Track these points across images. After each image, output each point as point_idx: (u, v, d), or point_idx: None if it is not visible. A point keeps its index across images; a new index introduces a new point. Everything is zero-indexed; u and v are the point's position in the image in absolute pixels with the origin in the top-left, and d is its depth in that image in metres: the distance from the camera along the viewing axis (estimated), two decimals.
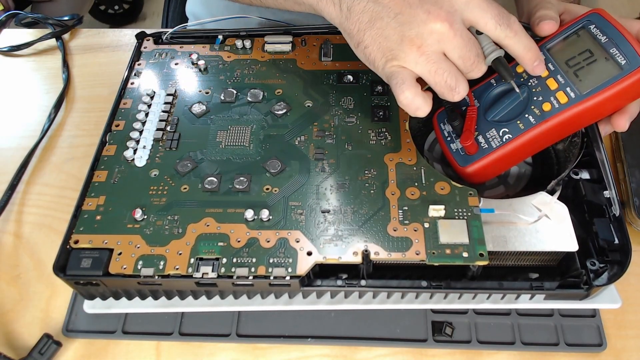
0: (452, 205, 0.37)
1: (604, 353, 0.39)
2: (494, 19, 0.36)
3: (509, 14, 0.36)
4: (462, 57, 0.36)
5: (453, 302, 0.38)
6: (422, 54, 0.36)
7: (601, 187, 0.40)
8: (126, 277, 0.36)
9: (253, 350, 0.40)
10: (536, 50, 0.37)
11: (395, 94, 0.36)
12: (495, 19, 0.36)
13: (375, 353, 0.39)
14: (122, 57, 0.59)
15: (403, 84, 0.36)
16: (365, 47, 0.37)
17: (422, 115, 0.37)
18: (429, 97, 0.37)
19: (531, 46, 0.37)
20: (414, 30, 0.35)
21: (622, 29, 0.37)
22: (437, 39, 0.35)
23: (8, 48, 0.60)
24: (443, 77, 0.36)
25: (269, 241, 0.37)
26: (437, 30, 0.35)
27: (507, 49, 0.37)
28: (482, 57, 0.37)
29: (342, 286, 0.36)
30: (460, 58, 0.36)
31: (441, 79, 0.36)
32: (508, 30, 0.36)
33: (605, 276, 0.37)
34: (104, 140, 0.43)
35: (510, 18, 0.36)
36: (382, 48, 0.37)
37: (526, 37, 0.37)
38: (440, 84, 0.36)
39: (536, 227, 0.38)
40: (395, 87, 0.36)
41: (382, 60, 0.37)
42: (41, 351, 0.38)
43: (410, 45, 0.36)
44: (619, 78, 0.35)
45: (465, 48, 0.36)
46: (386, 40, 0.36)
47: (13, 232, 0.46)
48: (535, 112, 0.39)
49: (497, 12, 0.36)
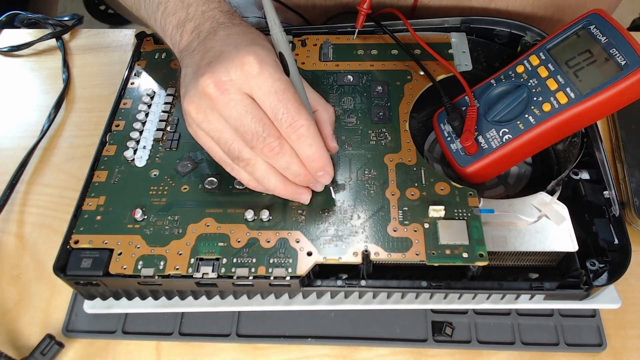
0: (452, 206, 0.37)
1: (604, 353, 0.39)
2: (275, 108, 0.33)
3: (300, 112, 0.33)
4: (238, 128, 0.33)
5: (453, 303, 0.38)
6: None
7: (601, 187, 0.40)
8: (126, 277, 0.36)
9: (253, 350, 0.40)
10: (321, 160, 0.35)
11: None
12: (276, 108, 0.33)
13: (375, 353, 0.39)
14: (122, 57, 0.59)
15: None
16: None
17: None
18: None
19: (315, 157, 0.34)
20: (190, 91, 0.34)
21: (622, 29, 0.37)
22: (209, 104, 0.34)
23: (8, 48, 0.60)
24: (226, 146, 0.35)
25: (269, 241, 0.37)
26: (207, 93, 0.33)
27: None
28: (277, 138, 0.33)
29: (342, 286, 0.36)
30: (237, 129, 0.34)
31: (225, 147, 0.35)
32: (289, 129, 0.33)
33: (605, 276, 0.37)
34: (104, 141, 0.43)
35: (298, 116, 0.33)
36: (182, 102, 0.36)
37: (309, 146, 0.34)
38: (222, 156, 0.36)
39: (536, 228, 0.38)
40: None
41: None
42: (43, 352, 0.38)
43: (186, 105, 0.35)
44: (619, 78, 0.35)
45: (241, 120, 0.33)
46: (183, 95, 0.36)
47: (13, 232, 0.46)
48: (535, 112, 0.39)
49: (285, 102, 0.33)
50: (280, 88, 0.33)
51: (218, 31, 0.36)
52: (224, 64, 0.33)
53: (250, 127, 0.33)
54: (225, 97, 0.33)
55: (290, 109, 0.33)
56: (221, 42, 0.35)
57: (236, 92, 0.33)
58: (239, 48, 0.33)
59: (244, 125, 0.33)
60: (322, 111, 0.38)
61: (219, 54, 0.34)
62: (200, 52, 0.36)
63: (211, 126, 0.34)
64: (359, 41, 0.49)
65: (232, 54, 0.33)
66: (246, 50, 0.33)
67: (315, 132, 0.34)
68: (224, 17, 0.38)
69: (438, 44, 0.47)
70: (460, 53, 0.47)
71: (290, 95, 0.33)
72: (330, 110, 0.38)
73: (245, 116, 0.33)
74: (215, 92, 0.33)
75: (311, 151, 0.34)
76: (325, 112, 0.38)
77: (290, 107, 0.33)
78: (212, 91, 0.33)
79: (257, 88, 0.33)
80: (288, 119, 0.33)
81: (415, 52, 0.47)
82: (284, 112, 0.33)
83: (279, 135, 0.34)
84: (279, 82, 0.33)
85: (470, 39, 0.48)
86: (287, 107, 0.33)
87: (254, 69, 0.32)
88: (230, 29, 0.36)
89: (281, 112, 0.33)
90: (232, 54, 0.33)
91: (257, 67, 0.32)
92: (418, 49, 0.47)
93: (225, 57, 0.33)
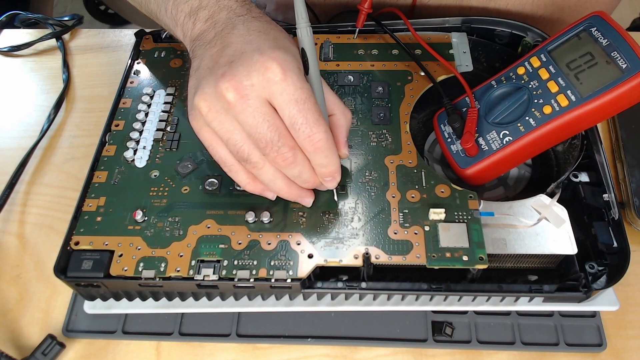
0: (452, 209, 0.38)
1: (604, 353, 0.39)
2: (294, 116, 0.32)
3: (319, 123, 0.32)
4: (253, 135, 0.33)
5: (452, 304, 0.38)
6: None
7: (600, 190, 0.40)
8: (127, 279, 0.36)
9: (253, 350, 0.40)
10: (332, 168, 0.34)
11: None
12: (295, 117, 0.32)
13: (375, 353, 0.40)
14: (122, 57, 0.59)
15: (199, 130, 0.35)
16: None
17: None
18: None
19: (327, 165, 0.34)
20: (205, 88, 0.33)
21: (623, 32, 0.37)
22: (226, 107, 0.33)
23: (8, 48, 0.59)
24: (235, 147, 0.34)
25: (270, 243, 0.37)
26: (226, 98, 0.32)
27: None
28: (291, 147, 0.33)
29: (342, 288, 0.37)
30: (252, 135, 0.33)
31: (234, 148, 0.34)
32: (307, 141, 0.33)
33: (603, 279, 0.37)
34: (104, 141, 0.43)
35: (317, 129, 0.32)
36: (191, 95, 0.35)
37: (325, 157, 0.34)
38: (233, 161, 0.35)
39: (535, 230, 0.38)
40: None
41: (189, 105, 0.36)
42: (44, 352, 0.38)
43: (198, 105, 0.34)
44: (620, 82, 0.36)
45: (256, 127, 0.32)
46: (194, 88, 0.34)
47: (13, 232, 0.46)
48: (535, 114, 0.39)
49: (304, 109, 0.32)
50: (301, 97, 0.32)
51: (237, 24, 0.35)
52: (246, 67, 0.32)
53: (266, 136, 0.32)
54: (244, 102, 0.32)
55: (309, 119, 0.32)
56: (242, 40, 0.34)
57: (255, 99, 0.32)
58: (262, 51, 0.32)
59: (259, 133, 0.32)
60: (339, 116, 0.37)
61: (240, 54, 0.33)
62: (218, 45, 0.34)
63: (222, 126, 0.33)
64: (359, 41, 0.49)
65: (254, 57, 0.32)
66: (269, 54, 0.32)
67: (332, 144, 0.33)
68: (240, 7, 0.36)
69: (439, 44, 0.47)
70: (460, 53, 0.47)
71: (311, 106, 0.32)
72: (348, 116, 0.37)
73: (262, 124, 0.32)
74: (234, 97, 0.32)
75: (325, 161, 0.34)
76: (343, 117, 0.37)
77: (310, 118, 0.32)
78: (230, 95, 0.32)
79: (277, 95, 0.32)
80: (306, 131, 0.32)
81: (416, 52, 0.47)
82: (302, 122, 0.32)
83: (294, 145, 0.33)
84: (301, 90, 0.32)
85: (471, 39, 0.48)
86: (307, 117, 0.32)
87: (276, 75, 0.31)
88: (250, 24, 0.35)
89: (300, 122, 0.32)
90: (254, 56, 0.32)
91: (280, 74, 0.31)
92: (419, 49, 0.47)
93: (247, 59, 0.32)
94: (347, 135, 0.37)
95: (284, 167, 0.34)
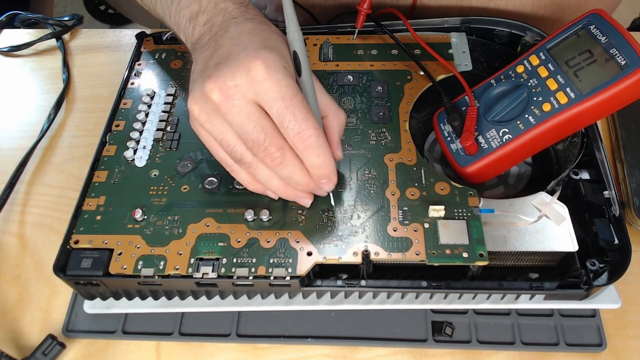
0: (452, 206, 0.37)
1: (604, 353, 0.39)
2: (282, 115, 0.32)
3: (308, 120, 0.32)
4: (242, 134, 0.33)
5: (453, 302, 0.38)
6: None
7: (601, 187, 0.40)
8: (126, 277, 0.36)
9: (253, 350, 0.40)
10: (327, 169, 0.34)
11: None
12: (283, 115, 0.32)
13: (375, 353, 0.39)
14: (122, 57, 0.59)
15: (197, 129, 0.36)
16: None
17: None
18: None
19: (321, 166, 0.34)
20: (195, 91, 0.34)
21: (622, 29, 0.37)
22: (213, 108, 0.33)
23: (8, 48, 0.60)
24: (229, 148, 0.34)
25: (269, 241, 0.37)
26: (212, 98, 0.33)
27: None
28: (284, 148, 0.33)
29: (342, 286, 0.36)
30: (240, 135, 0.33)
31: (227, 149, 0.34)
32: (297, 138, 0.32)
33: (605, 276, 0.37)
34: (104, 141, 0.43)
35: (306, 125, 0.32)
36: (188, 88, 0.36)
37: (317, 156, 0.33)
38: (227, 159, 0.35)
39: (536, 228, 0.38)
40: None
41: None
42: (45, 352, 0.38)
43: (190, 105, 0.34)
44: (619, 78, 0.35)
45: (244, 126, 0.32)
46: (188, 91, 0.35)
47: (13, 232, 0.46)
48: (535, 112, 0.39)
49: (293, 110, 0.32)
50: (287, 94, 0.32)
51: (230, 27, 0.35)
52: (231, 68, 0.32)
53: (252, 135, 0.32)
54: (229, 102, 0.32)
55: (297, 116, 0.32)
56: (231, 42, 0.34)
57: (240, 99, 0.32)
58: (248, 51, 0.32)
59: (245, 132, 0.32)
60: (332, 117, 0.36)
61: (227, 56, 0.33)
62: (210, 48, 0.35)
63: (214, 128, 0.34)
64: (359, 41, 0.49)
65: (239, 57, 0.32)
66: (254, 54, 0.32)
67: (323, 142, 0.33)
68: (237, 10, 0.36)
69: (438, 44, 0.47)
70: (460, 53, 0.47)
71: (298, 102, 0.32)
72: (342, 117, 0.37)
73: (247, 123, 0.32)
74: (219, 98, 0.32)
75: (318, 161, 0.33)
76: (336, 118, 0.36)
77: (298, 115, 0.32)
78: (216, 97, 0.32)
79: (263, 93, 0.32)
80: (295, 127, 0.32)
81: (415, 52, 0.47)
82: (290, 120, 0.32)
83: (282, 144, 0.33)
84: (287, 87, 0.32)
85: (470, 39, 0.48)
86: (295, 114, 0.32)
87: (260, 74, 0.31)
88: (243, 25, 0.35)
89: (288, 119, 0.32)
90: (239, 57, 0.32)
91: (263, 72, 0.31)
92: (418, 49, 0.47)
93: (233, 60, 0.32)
94: (341, 137, 0.37)
95: (274, 168, 0.34)
